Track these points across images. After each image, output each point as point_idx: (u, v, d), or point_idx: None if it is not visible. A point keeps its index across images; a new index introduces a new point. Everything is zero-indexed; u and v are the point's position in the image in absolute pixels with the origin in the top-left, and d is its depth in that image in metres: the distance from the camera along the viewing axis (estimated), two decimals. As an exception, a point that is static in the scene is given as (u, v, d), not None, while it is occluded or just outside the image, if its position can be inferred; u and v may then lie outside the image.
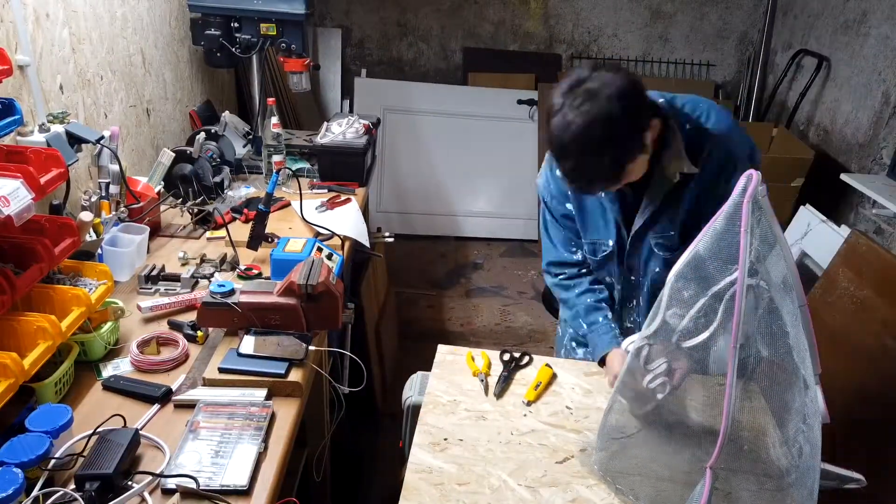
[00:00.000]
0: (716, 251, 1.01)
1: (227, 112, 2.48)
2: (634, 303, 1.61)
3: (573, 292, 1.61)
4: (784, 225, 2.73)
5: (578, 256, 1.60)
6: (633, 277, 1.56)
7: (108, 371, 1.35)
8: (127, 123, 2.15)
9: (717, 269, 1.02)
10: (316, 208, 2.09)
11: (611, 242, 1.51)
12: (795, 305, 0.98)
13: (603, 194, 1.44)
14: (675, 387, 1.18)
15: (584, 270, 1.62)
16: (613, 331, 1.53)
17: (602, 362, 1.51)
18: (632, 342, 1.20)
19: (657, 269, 1.49)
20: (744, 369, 1.02)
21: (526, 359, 1.54)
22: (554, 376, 1.49)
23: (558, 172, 1.41)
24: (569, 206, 1.51)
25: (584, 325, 1.57)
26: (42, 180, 1.20)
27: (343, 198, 2.19)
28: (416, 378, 1.56)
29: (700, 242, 1.04)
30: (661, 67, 4.30)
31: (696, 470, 1.07)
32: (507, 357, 1.54)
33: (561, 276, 1.63)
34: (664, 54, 4.28)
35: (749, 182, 0.95)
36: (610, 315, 1.57)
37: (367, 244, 2.14)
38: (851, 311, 2.01)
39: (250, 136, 2.54)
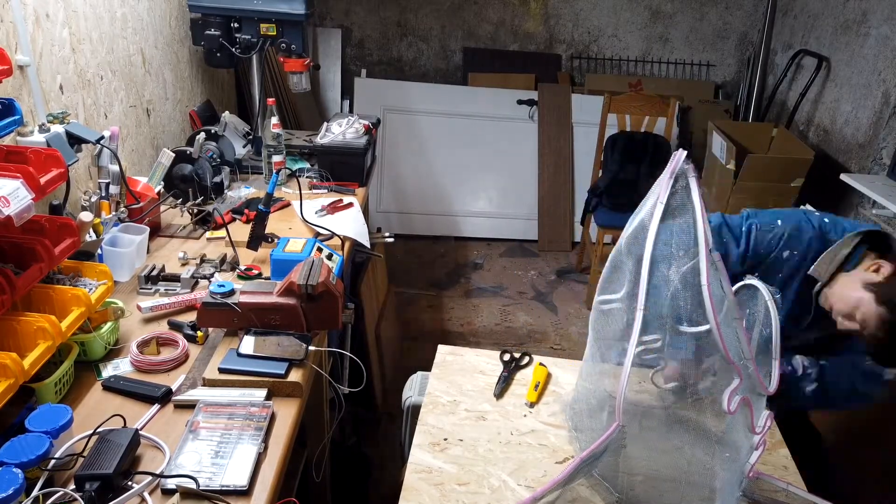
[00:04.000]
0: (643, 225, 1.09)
1: (227, 112, 2.48)
2: None
3: None
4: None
5: None
6: None
7: (107, 371, 1.35)
8: (127, 123, 2.15)
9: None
10: (316, 212, 2.08)
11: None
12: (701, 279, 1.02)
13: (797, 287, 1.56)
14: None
15: None
16: None
17: None
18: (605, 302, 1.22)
19: None
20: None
21: (526, 359, 1.54)
22: (549, 375, 1.49)
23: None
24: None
25: None
26: (42, 180, 1.20)
27: (346, 202, 2.17)
28: (416, 378, 1.56)
29: (640, 213, 1.10)
30: (661, 67, 4.31)
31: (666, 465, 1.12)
32: (507, 357, 1.54)
33: None
34: (664, 54, 4.28)
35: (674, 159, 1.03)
36: None
37: (368, 244, 2.14)
38: (851, 311, 2.00)
39: (250, 136, 2.54)
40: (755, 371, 1.08)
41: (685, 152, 1.04)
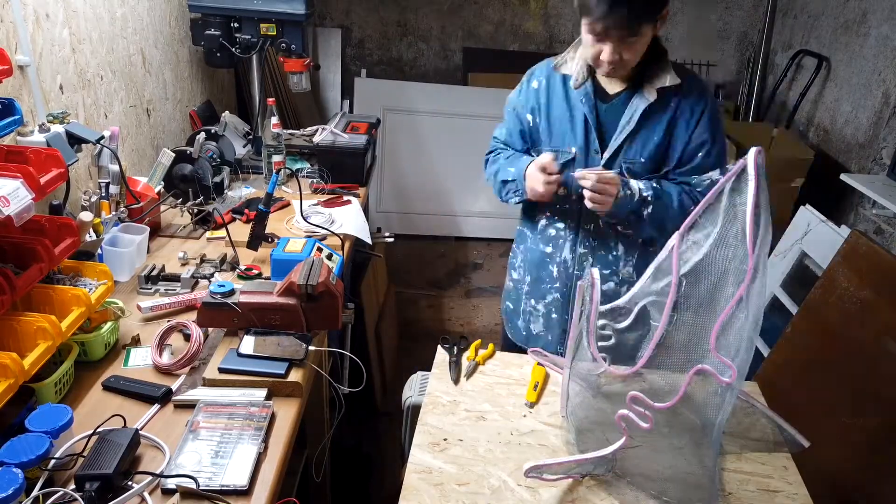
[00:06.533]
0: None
1: (227, 112, 2.48)
2: (592, 226, 1.67)
3: (501, 156, 1.83)
4: (784, 225, 2.73)
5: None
6: None
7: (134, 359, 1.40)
8: (127, 123, 2.15)
9: None
10: (311, 205, 2.09)
11: (573, 149, 1.61)
12: None
13: (583, 99, 1.59)
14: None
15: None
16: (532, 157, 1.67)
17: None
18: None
19: None
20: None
21: (464, 342, 1.56)
22: (548, 375, 1.49)
23: (533, 84, 1.70)
24: (529, 116, 1.70)
25: (506, 164, 1.76)
26: (42, 180, 1.20)
27: (344, 199, 2.18)
28: (416, 378, 1.56)
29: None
30: (661, 67, 4.30)
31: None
32: (447, 345, 1.55)
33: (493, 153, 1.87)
34: (664, 54, 4.28)
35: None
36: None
37: (370, 241, 2.14)
38: (851, 311, 2.01)
39: (250, 136, 2.54)
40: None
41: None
